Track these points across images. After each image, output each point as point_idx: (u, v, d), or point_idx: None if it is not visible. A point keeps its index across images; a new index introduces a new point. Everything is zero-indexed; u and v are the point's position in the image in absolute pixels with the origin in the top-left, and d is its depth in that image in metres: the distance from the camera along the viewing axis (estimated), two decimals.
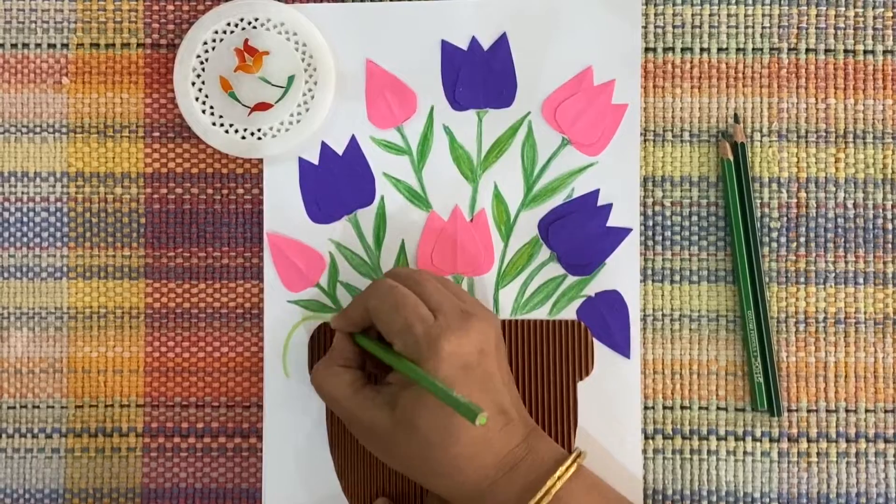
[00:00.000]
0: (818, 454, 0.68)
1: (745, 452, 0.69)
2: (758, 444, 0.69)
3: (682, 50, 0.70)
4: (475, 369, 0.61)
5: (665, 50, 0.70)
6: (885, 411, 0.69)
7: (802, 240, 0.69)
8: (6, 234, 0.70)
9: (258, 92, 0.69)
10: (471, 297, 0.66)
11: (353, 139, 0.70)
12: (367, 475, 0.68)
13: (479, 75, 0.70)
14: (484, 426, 0.60)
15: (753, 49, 0.70)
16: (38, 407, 0.70)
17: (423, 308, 0.62)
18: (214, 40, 0.69)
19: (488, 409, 0.61)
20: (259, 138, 0.69)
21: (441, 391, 0.58)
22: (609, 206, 0.69)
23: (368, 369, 0.66)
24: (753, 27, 0.69)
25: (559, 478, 0.61)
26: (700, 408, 0.69)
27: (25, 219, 0.70)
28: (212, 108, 0.69)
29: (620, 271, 0.69)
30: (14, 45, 0.71)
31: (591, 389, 0.69)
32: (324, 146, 0.70)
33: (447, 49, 0.70)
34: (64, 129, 0.71)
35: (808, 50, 0.69)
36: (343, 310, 0.66)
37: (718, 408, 0.69)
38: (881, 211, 0.69)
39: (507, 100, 0.70)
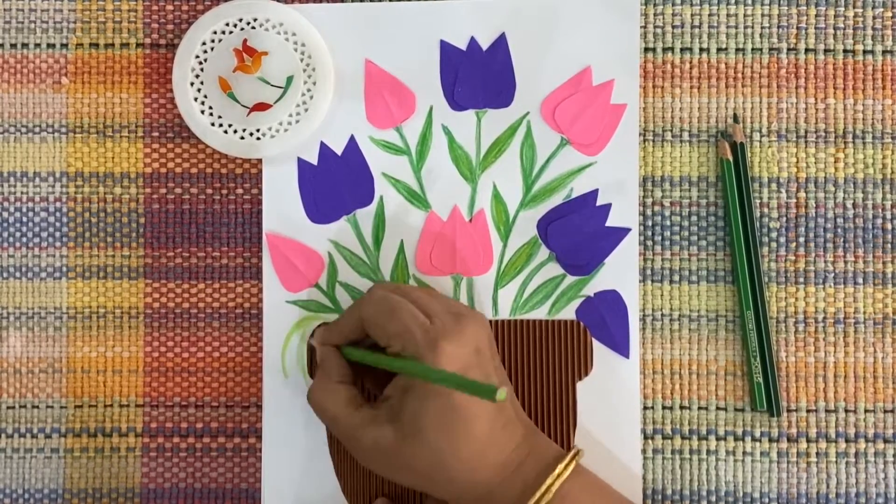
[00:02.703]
0: (817, 454, 0.68)
1: (744, 452, 0.68)
2: (757, 444, 0.68)
3: (682, 50, 0.70)
4: (474, 369, 0.61)
5: (664, 50, 0.70)
6: (885, 411, 0.68)
7: (802, 240, 0.69)
8: (5, 234, 0.70)
9: (257, 92, 0.69)
10: (457, 301, 0.66)
11: (351, 139, 0.70)
12: (366, 475, 0.68)
13: (478, 75, 0.70)
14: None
15: (753, 49, 0.69)
16: (38, 407, 0.70)
17: (418, 312, 0.62)
18: (213, 40, 0.69)
19: (490, 407, 0.61)
20: (258, 138, 0.69)
21: (453, 378, 0.58)
22: (608, 206, 0.69)
23: (366, 386, 0.66)
24: (753, 27, 0.69)
25: (559, 475, 0.61)
26: (699, 408, 0.69)
27: (25, 219, 0.70)
28: (211, 108, 0.69)
29: (619, 271, 0.69)
30: (14, 45, 0.71)
31: (591, 389, 0.69)
32: (323, 146, 0.70)
33: (446, 49, 0.70)
34: (63, 129, 0.71)
35: (807, 50, 0.69)
36: (330, 324, 0.66)
37: (718, 408, 0.69)
38: (880, 211, 0.69)
39: (506, 100, 0.69)
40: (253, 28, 0.69)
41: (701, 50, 0.70)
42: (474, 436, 0.60)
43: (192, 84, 0.69)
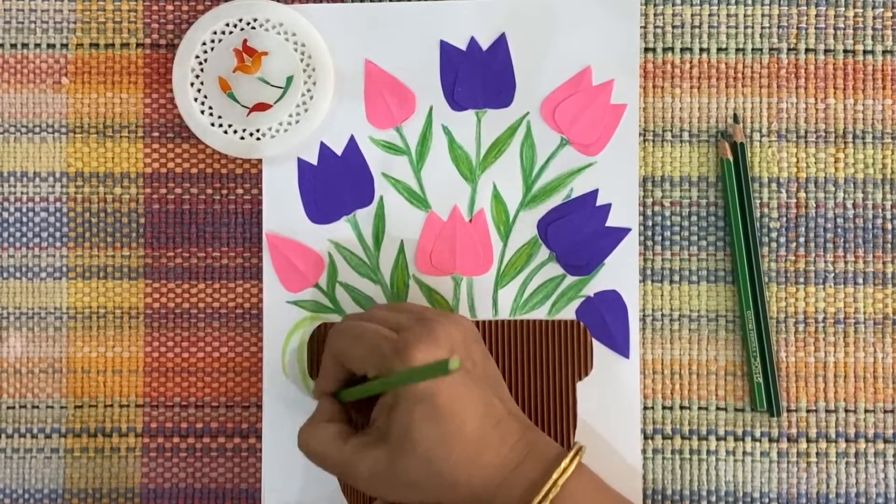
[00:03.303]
0: (817, 454, 0.68)
1: (744, 452, 0.68)
2: (757, 444, 0.69)
3: (682, 50, 0.70)
4: None
5: (664, 50, 0.70)
6: (885, 411, 0.68)
7: (802, 240, 0.69)
8: (5, 235, 0.70)
9: (257, 92, 0.69)
10: (429, 308, 0.66)
11: (351, 139, 0.70)
12: None
13: (478, 75, 0.70)
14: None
15: (753, 49, 0.69)
16: (38, 407, 0.70)
17: (383, 329, 0.62)
18: (213, 41, 0.69)
19: (477, 406, 0.61)
20: (258, 139, 0.69)
21: (405, 374, 0.58)
22: (608, 206, 0.69)
23: (356, 421, 0.66)
24: (753, 27, 0.69)
25: (564, 470, 0.60)
26: (699, 408, 0.69)
27: (25, 219, 0.70)
28: (211, 108, 0.69)
29: (619, 271, 0.69)
30: (14, 45, 0.71)
31: (591, 389, 0.69)
32: (323, 146, 0.70)
33: (446, 49, 0.70)
34: (63, 130, 0.71)
35: (807, 50, 0.69)
36: (319, 376, 0.66)
37: (718, 408, 0.69)
38: (880, 211, 0.69)
39: (506, 100, 0.69)
40: (253, 28, 0.69)
41: (701, 50, 0.70)
42: (464, 437, 0.60)
43: (192, 84, 0.69)
